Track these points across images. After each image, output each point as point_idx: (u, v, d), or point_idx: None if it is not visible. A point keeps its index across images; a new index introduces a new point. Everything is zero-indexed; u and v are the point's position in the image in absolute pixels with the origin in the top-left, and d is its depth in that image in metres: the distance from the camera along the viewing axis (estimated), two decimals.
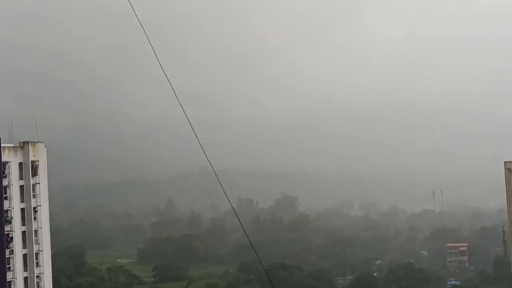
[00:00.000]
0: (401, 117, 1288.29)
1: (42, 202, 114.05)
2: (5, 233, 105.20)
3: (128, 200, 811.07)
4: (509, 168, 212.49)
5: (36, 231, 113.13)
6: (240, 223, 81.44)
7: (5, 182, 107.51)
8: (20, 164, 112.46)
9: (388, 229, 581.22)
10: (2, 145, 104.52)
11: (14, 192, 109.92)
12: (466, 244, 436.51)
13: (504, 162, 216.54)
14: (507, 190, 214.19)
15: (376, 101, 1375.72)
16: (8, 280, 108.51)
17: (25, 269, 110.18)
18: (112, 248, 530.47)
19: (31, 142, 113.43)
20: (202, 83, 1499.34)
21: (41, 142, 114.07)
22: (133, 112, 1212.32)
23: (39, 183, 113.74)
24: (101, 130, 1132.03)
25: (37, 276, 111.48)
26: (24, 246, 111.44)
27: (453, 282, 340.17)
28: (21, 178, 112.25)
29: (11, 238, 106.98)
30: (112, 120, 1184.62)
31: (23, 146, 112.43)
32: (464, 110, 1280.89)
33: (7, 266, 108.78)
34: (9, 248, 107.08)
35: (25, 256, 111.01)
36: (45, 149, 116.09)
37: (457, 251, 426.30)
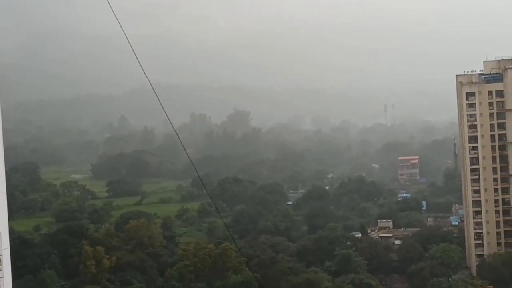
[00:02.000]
0: (354, 37, 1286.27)
1: None
2: None
3: (81, 117, 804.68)
4: (461, 82, 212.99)
5: None
6: (184, 149, 78.92)
7: None
8: None
9: (340, 143, 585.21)
10: None
11: None
12: (417, 157, 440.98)
13: (456, 75, 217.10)
14: (458, 104, 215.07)
15: (330, 21, 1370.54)
16: None
17: None
18: (66, 164, 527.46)
19: None
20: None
21: None
22: (81, 29, 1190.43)
23: None
24: (51, 49, 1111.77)
25: None
26: None
27: (404, 195, 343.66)
28: None
29: None
30: (61, 38, 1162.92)
31: None
32: (418, 28, 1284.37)
33: None
34: None
35: None
36: None
37: (408, 164, 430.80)
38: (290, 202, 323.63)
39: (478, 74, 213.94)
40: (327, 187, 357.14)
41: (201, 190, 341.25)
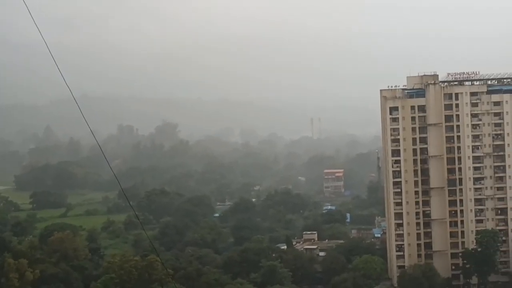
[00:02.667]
0: (282, 52, 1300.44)
1: None
2: None
3: (5, 127, 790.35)
4: (385, 96, 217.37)
5: None
6: (107, 160, 79.86)
7: None
8: None
9: (267, 156, 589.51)
10: None
11: None
12: (342, 170, 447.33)
13: (380, 90, 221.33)
14: (382, 118, 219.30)
15: (258, 35, 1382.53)
16: None
17: None
18: None
19: None
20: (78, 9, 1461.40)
21: None
22: (3, 36, 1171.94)
23: None
24: None
25: None
26: None
27: (329, 207, 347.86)
28: None
29: None
30: None
31: None
32: (346, 46, 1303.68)
33: None
34: None
35: None
36: None
37: (333, 177, 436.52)
38: (217, 214, 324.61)
39: (402, 89, 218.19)
40: (254, 199, 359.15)
41: (128, 202, 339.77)
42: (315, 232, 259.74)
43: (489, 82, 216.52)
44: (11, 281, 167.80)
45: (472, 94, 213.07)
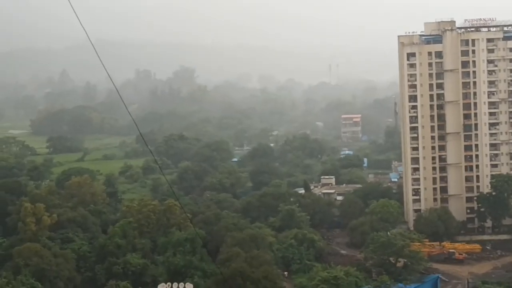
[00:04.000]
0: None
1: None
2: None
3: (19, 71, 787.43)
4: (402, 42, 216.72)
5: None
6: (125, 106, 79.50)
7: None
8: None
9: (285, 101, 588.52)
10: None
11: None
12: (359, 115, 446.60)
13: (397, 35, 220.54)
14: (400, 64, 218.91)
15: None
16: None
17: None
18: (3, 120, 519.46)
19: None
20: None
21: None
22: None
23: None
24: None
25: None
26: None
27: (346, 152, 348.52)
28: None
29: None
30: None
31: None
32: None
33: None
34: None
35: None
36: None
37: (351, 122, 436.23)
38: (235, 159, 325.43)
39: (419, 35, 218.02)
40: (272, 145, 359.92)
41: (146, 147, 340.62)
42: (332, 176, 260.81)
43: (505, 29, 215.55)
44: (28, 225, 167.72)
45: (489, 40, 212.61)
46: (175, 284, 64.89)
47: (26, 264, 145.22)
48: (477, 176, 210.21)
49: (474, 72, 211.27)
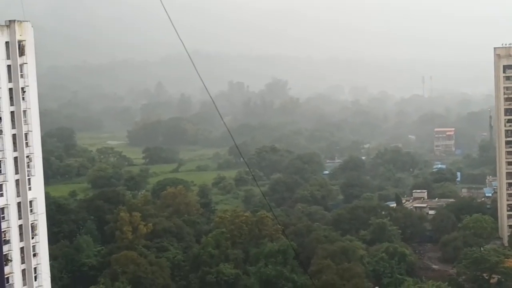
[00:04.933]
0: (390, 4, 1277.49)
1: (31, 83, 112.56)
2: None
3: (118, 82, 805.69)
4: (498, 54, 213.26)
5: (25, 111, 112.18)
6: (221, 116, 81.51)
7: None
8: (7, 43, 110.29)
9: (377, 114, 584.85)
10: None
11: (1, 72, 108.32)
12: (453, 128, 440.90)
13: (494, 48, 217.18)
14: (496, 76, 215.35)
15: None
16: None
17: (15, 149, 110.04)
18: (102, 130, 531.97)
19: (17, 21, 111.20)
20: None
21: (27, 21, 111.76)
22: None
23: (26, 63, 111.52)
24: (81, 13, 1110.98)
25: (27, 156, 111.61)
26: (13, 127, 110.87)
27: (439, 166, 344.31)
28: (7, 58, 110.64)
29: (0, 118, 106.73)
30: (91, 3, 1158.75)
31: (9, 25, 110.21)
32: None
33: None
34: None
35: (14, 136, 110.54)
36: (32, 28, 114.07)
37: (444, 135, 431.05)
38: (326, 172, 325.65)
39: None
40: (363, 157, 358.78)
41: (238, 158, 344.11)
42: (425, 190, 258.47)
43: None
44: (125, 234, 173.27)
45: None
46: None
47: (123, 272, 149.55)
48: None
49: None
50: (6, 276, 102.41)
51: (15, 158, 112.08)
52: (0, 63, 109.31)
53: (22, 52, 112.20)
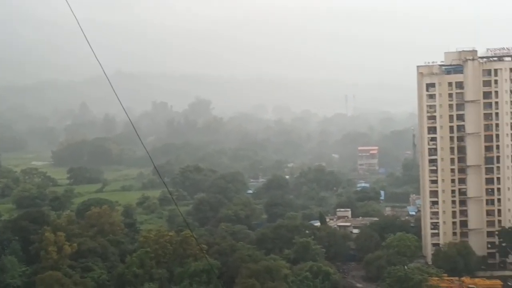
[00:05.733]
0: (312, 19, 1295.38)
1: None
2: None
3: (43, 102, 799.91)
4: (421, 73, 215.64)
5: None
6: (140, 139, 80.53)
7: None
8: None
9: (300, 133, 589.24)
10: None
11: None
12: (376, 147, 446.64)
13: (417, 66, 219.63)
14: (419, 94, 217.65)
15: (290, 5, 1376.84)
16: None
17: None
18: (27, 150, 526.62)
19: None
20: None
21: None
22: (36, 15, 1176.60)
23: None
24: (5, 35, 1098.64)
25: None
26: None
27: (363, 184, 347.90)
28: None
29: None
30: (15, 24, 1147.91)
31: None
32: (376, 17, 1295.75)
33: None
34: None
35: None
36: None
37: (367, 154, 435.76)
38: (250, 191, 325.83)
39: (439, 65, 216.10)
40: (287, 176, 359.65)
41: (163, 178, 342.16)
42: (348, 209, 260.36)
43: None
44: (49, 254, 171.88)
45: None
46: None
47: None
48: (499, 210, 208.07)
49: (496, 102, 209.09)
50: None
51: None
52: None
53: None
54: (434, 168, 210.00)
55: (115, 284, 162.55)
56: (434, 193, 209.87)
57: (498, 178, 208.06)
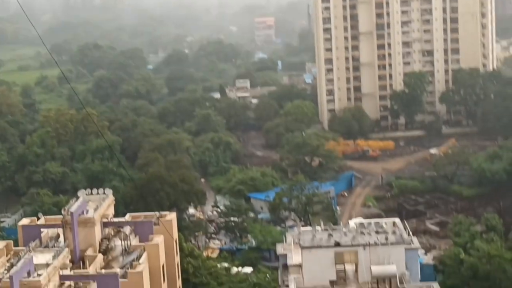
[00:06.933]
0: None
1: None
2: None
3: None
4: None
5: None
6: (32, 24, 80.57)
7: None
8: None
9: (198, 7, 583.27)
10: None
11: None
12: (273, 18, 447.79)
13: None
14: None
15: None
16: None
17: None
18: None
19: None
20: None
21: None
22: None
23: None
24: None
25: None
26: None
27: (260, 55, 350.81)
28: None
29: None
30: None
31: None
32: None
33: None
34: None
35: None
36: None
37: (264, 25, 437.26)
38: (150, 66, 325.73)
39: None
40: (186, 51, 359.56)
41: (61, 57, 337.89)
42: (247, 80, 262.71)
43: None
44: None
45: None
46: (94, 190, 67.44)
47: None
48: (390, 75, 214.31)
49: None
50: None
51: None
52: None
53: None
54: (328, 36, 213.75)
55: (16, 164, 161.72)
56: (328, 61, 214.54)
57: (389, 44, 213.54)
